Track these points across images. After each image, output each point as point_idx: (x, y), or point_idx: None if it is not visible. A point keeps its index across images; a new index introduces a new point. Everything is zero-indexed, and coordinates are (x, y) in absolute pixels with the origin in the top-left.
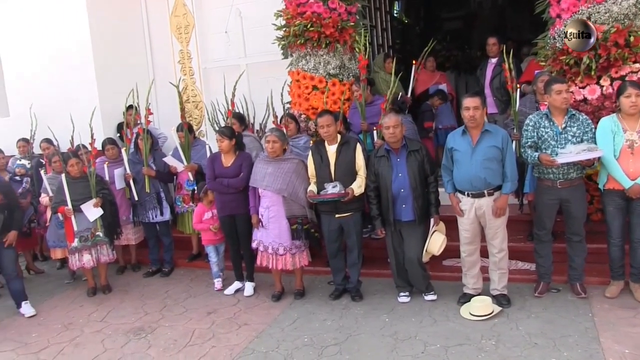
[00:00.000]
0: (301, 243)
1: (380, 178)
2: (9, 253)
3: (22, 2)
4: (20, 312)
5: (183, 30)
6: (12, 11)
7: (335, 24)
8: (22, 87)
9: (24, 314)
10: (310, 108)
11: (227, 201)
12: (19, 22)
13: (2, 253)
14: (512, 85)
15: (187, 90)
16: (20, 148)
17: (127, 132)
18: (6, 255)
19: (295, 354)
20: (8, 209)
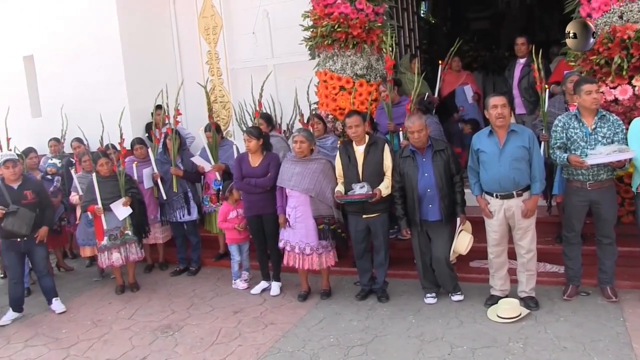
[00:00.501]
0: (328, 243)
1: (405, 178)
2: (40, 250)
3: (54, 5)
4: (51, 309)
5: (211, 31)
6: (44, 14)
7: (362, 24)
8: (53, 88)
9: (55, 310)
10: (338, 108)
11: (254, 201)
12: (51, 25)
13: (33, 250)
14: (540, 86)
15: (214, 91)
16: (51, 147)
17: (155, 132)
18: (37, 253)
19: (321, 353)
20: (40, 207)
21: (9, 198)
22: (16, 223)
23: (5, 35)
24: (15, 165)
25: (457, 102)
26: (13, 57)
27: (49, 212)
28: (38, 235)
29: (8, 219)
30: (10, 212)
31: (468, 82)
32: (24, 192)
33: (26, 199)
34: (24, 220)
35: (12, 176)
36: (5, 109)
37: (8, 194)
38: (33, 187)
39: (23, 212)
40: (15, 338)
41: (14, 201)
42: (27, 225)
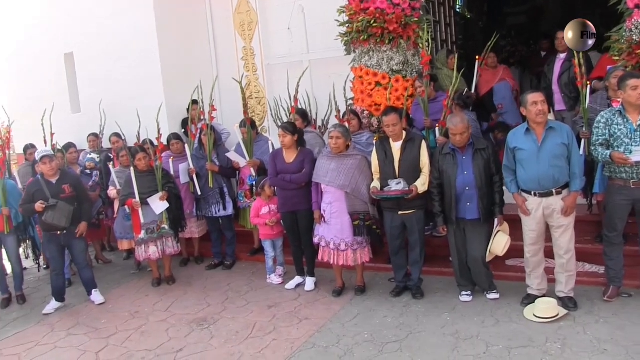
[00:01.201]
0: (363, 239)
1: (444, 175)
2: (79, 244)
3: (93, 4)
4: (90, 299)
5: (247, 27)
6: (84, 13)
7: (399, 19)
8: (92, 84)
9: (94, 302)
10: (373, 104)
11: (289, 197)
12: (90, 23)
13: (73, 244)
14: (582, 82)
15: (250, 87)
16: (90, 142)
17: (191, 127)
18: (77, 246)
19: (355, 349)
20: (78, 201)
21: (48, 192)
22: (55, 216)
23: (47, 34)
24: (52, 161)
25: (496, 99)
26: (54, 55)
27: (86, 206)
28: (78, 230)
29: (48, 213)
30: (50, 206)
31: (505, 78)
32: (62, 186)
33: (64, 193)
34: (63, 214)
35: (50, 171)
36: (47, 105)
37: (47, 189)
38: (70, 181)
39: (62, 206)
40: (59, 326)
41: (53, 195)
42: (66, 218)
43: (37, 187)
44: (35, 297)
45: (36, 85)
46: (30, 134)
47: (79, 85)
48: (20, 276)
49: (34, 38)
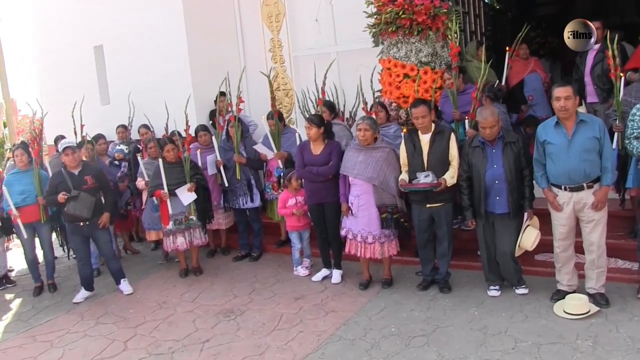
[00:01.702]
0: (390, 232)
1: (473, 168)
2: (103, 235)
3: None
4: (119, 289)
5: (274, 18)
6: (114, 6)
7: (427, 10)
8: (121, 76)
9: (123, 291)
10: (401, 96)
11: (316, 189)
12: (119, 16)
13: (96, 234)
14: (615, 74)
15: (277, 79)
16: (119, 134)
17: (219, 119)
18: (100, 237)
19: (382, 343)
20: (101, 191)
21: (71, 184)
22: (77, 207)
23: (77, 27)
24: (74, 152)
25: (526, 91)
26: (84, 48)
27: (109, 197)
28: (100, 221)
29: (70, 204)
30: (72, 197)
31: (536, 70)
32: (84, 177)
33: (86, 184)
34: (85, 205)
35: (72, 162)
36: (77, 97)
37: (70, 180)
38: (93, 172)
39: (84, 197)
40: (88, 315)
41: (75, 186)
42: (88, 209)
43: (60, 179)
44: (66, 286)
45: (67, 77)
46: (60, 126)
47: (108, 78)
48: (52, 265)
49: (65, 31)
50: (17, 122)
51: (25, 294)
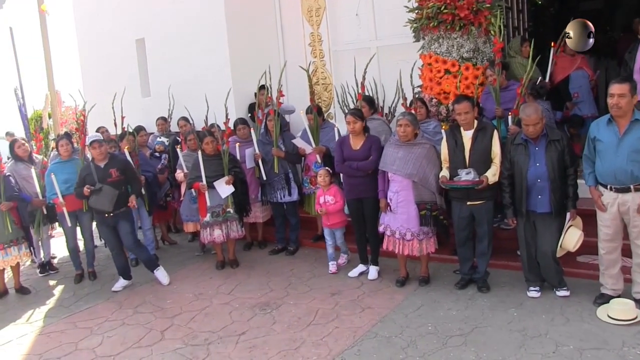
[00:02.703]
0: (429, 229)
1: (515, 166)
2: (124, 226)
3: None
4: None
5: (314, 12)
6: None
7: (470, 5)
8: (162, 69)
9: (162, 282)
10: (442, 92)
11: (355, 184)
12: (161, 10)
13: (119, 226)
14: None
15: (316, 73)
16: (159, 126)
17: (258, 112)
18: (122, 228)
19: (418, 341)
20: (126, 185)
21: (96, 176)
22: (99, 200)
23: (119, 20)
24: (101, 146)
25: (571, 88)
26: (126, 41)
27: (136, 185)
28: (130, 202)
29: (93, 197)
30: (95, 190)
31: (583, 67)
32: (109, 170)
33: (111, 177)
34: (107, 198)
35: (99, 156)
36: (118, 89)
37: (95, 173)
38: (118, 165)
39: (106, 190)
40: (126, 304)
41: (100, 179)
42: (110, 202)
43: (87, 172)
44: (105, 274)
45: (109, 70)
46: (102, 117)
47: (149, 70)
48: (92, 253)
49: (108, 25)
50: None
51: (66, 280)
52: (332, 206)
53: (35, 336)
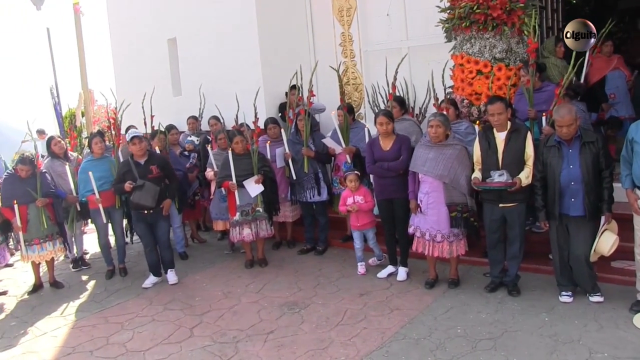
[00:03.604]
0: (459, 231)
1: (548, 168)
2: (163, 225)
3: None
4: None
5: (345, 12)
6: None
7: (503, 5)
8: (193, 68)
9: (169, 281)
10: (474, 93)
11: (385, 185)
12: (193, 10)
13: (158, 223)
14: None
15: (347, 73)
16: (189, 125)
17: (289, 112)
18: (161, 226)
19: (447, 344)
20: (166, 180)
21: (137, 173)
22: (142, 196)
23: (151, 20)
24: (141, 142)
25: (608, 89)
26: (158, 40)
27: (173, 186)
28: (163, 207)
29: (135, 193)
30: (137, 186)
31: (619, 67)
32: (150, 167)
33: (151, 174)
34: (149, 194)
35: (139, 152)
36: (150, 88)
37: (136, 169)
38: (158, 162)
39: (149, 186)
40: (156, 300)
41: (141, 176)
42: (152, 198)
43: (127, 168)
44: (136, 271)
45: (141, 69)
46: (133, 116)
47: (180, 69)
48: (123, 249)
49: (140, 25)
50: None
51: (98, 276)
52: (364, 204)
53: (68, 329)
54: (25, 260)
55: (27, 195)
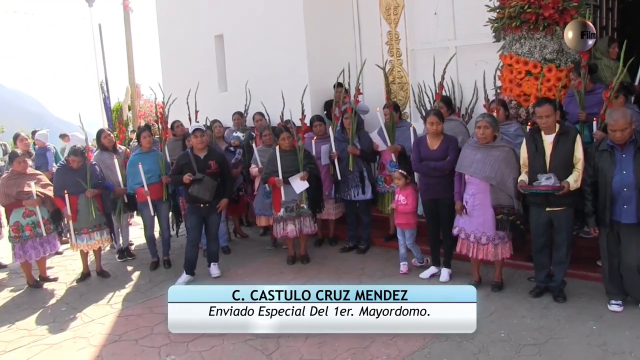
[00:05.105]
0: (505, 234)
1: (599, 173)
2: (216, 218)
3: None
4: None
5: (392, 11)
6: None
7: (555, 4)
8: (239, 64)
9: (211, 274)
10: (522, 94)
11: (431, 184)
12: (240, 7)
13: (211, 216)
14: None
15: (393, 72)
16: (235, 121)
17: (335, 110)
18: (213, 220)
19: (490, 348)
20: (221, 177)
21: (196, 166)
22: (201, 190)
23: (199, 17)
24: (202, 135)
25: None
26: (205, 37)
27: (229, 184)
28: (219, 206)
29: (194, 186)
30: (196, 180)
31: None
32: (209, 162)
33: (210, 169)
34: (207, 188)
35: (200, 145)
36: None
37: (195, 163)
38: (217, 158)
39: (207, 180)
40: None
41: (199, 169)
42: (210, 192)
43: (186, 160)
44: (179, 263)
45: (188, 65)
46: (179, 111)
47: (227, 66)
48: (168, 242)
49: (188, 21)
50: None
51: (142, 267)
52: (402, 206)
53: (114, 317)
54: (74, 249)
55: (78, 186)
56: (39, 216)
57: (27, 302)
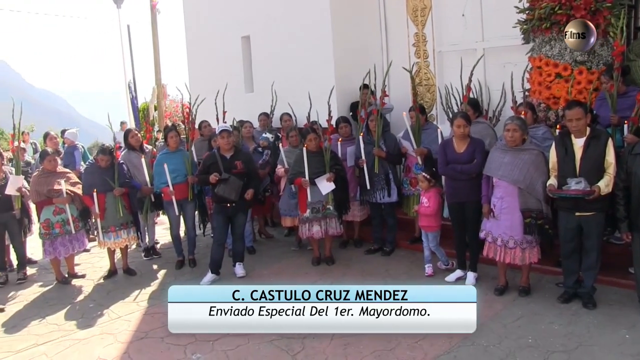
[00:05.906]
0: (533, 238)
1: (633, 177)
2: (242, 217)
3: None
4: (234, 270)
5: (419, 12)
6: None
7: (588, 5)
8: (266, 65)
9: (236, 273)
10: (552, 97)
11: (458, 187)
12: (267, 8)
13: (237, 216)
14: None
15: (419, 74)
16: (261, 121)
17: (361, 111)
18: (239, 219)
19: (517, 353)
20: (247, 178)
21: (222, 166)
22: (227, 190)
23: (226, 18)
24: (229, 136)
25: None
26: (232, 38)
27: (255, 181)
28: (247, 194)
29: (220, 186)
30: (222, 179)
31: None
32: (235, 162)
33: (236, 169)
34: (234, 188)
35: (226, 145)
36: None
37: (221, 163)
38: (243, 158)
39: (233, 181)
40: None
41: (226, 169)
42: (236, 192)
43: (213, 160)
44: (204, 263)
45: (215, 65)
46: (206, 111)
47: (253, 67)
48: (193, 241)
49: (215, 23)
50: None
51: (168, 265)
52: (424, 208)
53: (140, 315)
54: (101, 246)
55: (106, 184)
56: (69, 214)
57: (56, 298)
